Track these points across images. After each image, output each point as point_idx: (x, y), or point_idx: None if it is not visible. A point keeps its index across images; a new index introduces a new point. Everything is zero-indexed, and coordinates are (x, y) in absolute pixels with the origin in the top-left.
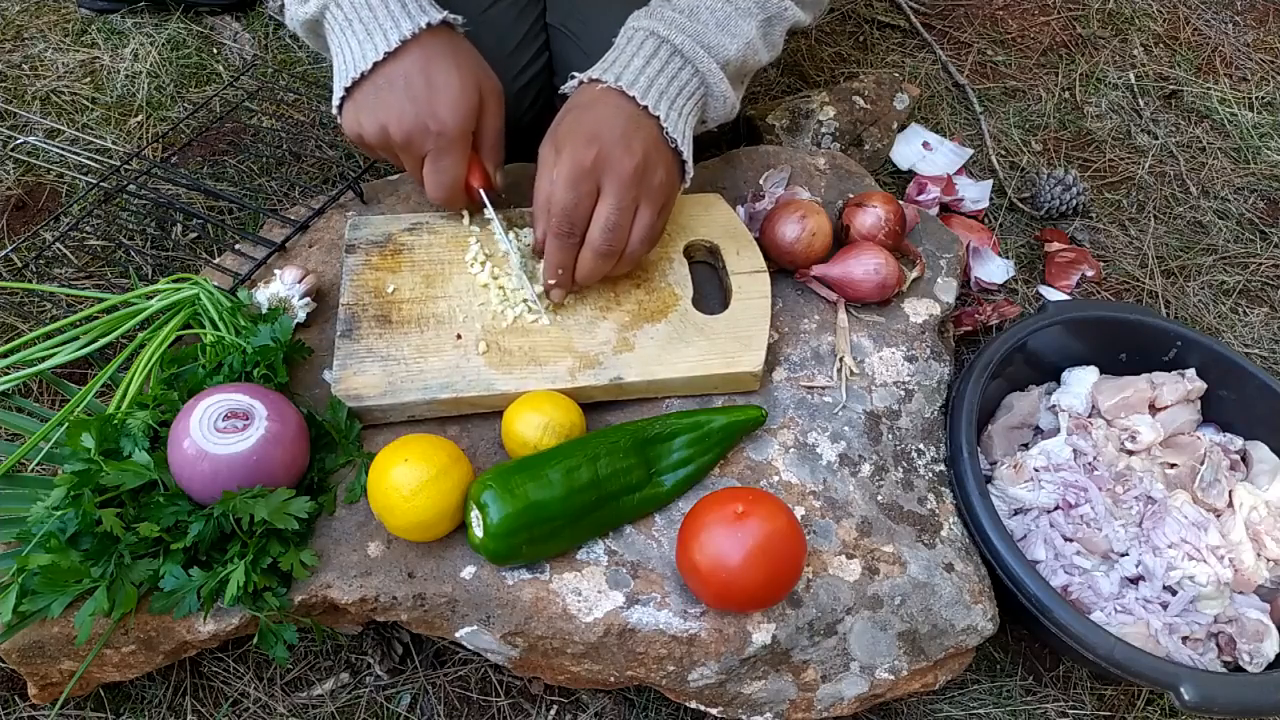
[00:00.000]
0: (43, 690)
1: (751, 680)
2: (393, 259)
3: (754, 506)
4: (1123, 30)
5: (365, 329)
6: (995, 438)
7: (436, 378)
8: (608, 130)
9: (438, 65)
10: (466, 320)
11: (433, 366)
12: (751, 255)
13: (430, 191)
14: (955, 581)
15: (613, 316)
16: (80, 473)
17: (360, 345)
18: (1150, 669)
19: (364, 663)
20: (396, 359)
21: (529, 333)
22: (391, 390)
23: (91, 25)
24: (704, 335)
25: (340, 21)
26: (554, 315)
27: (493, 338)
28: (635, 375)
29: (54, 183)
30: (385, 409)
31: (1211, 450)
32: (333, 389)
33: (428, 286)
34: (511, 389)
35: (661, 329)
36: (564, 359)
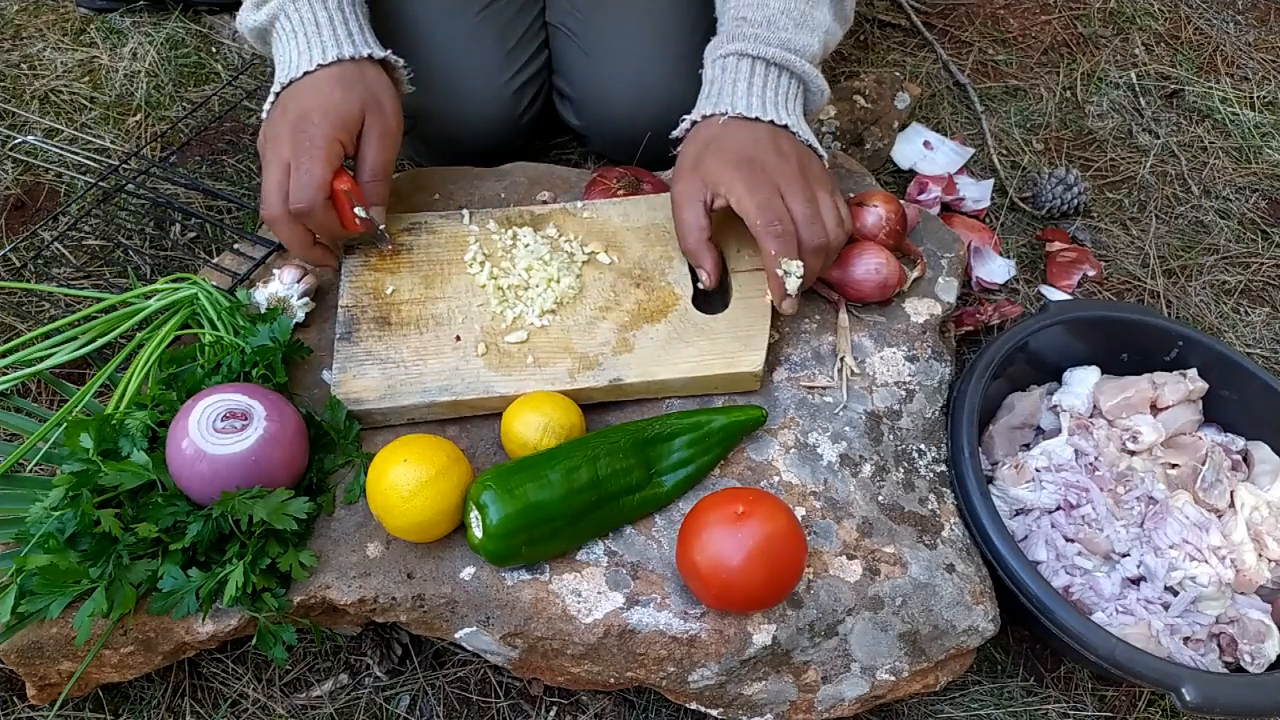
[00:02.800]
0: (41, 691)
1: (752, 681)
2: (391, 260)
3: (754, 507)
4: (1124, 29)
5: (364, 331)
6: (996, 438)
7: (435, 380)
8: (754, 149)
9: (336, 85)
10: (466, 321)
11: (432, 369)
12: (752, 253)
13: (292, 196)
14: (956, 582)
15: (612, 317)
16: (79, 473)
17: (359, 348)
18: (1151, 670)
19: (363, 664)
20: (395, 362)
21: (528, 334)
22: (391, 393)
23: (90, 24)
24: (704, 335)
25: (287, 32)
26: (552, 316)
27: (492, 339)
28: (635, 376)
29: (52, 182)
30: (385, 412)
31: (1213, 450)
32: (332, 391)
33: (426, 287)
34: (510, 391)
35: (661, 329)
36: (563, 360)
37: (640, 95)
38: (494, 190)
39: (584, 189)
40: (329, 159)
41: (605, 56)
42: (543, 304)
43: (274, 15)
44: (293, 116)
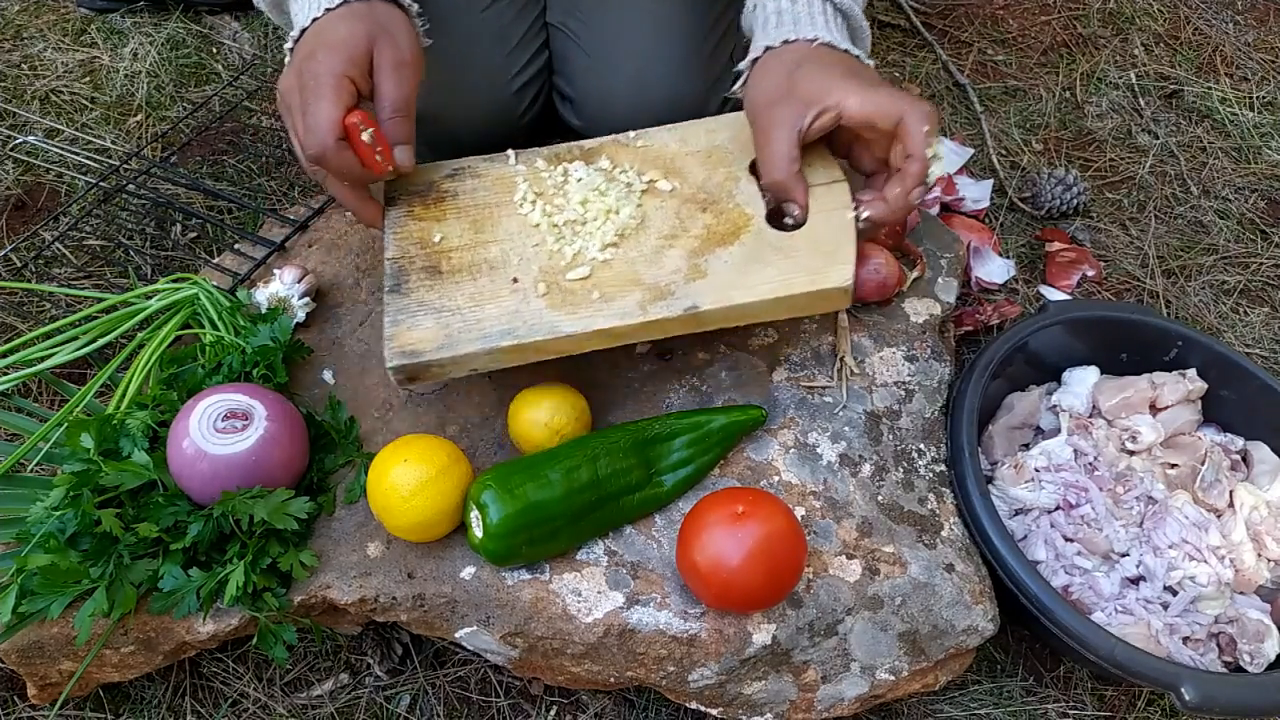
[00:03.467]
0: (42, 690)
1: (752, 681)
2: (436, 207)
3: (754, 507)
4: (1123, 30)
5: (415, 281)
6: (996, 438)
7: (496, 325)
8: (856, 67)
9: (339, 21)
10: (522, 263)
11: (490, 314)
12: (826, 166)
13: (302, 139)
14: (956, 582)
15: (680, 244)
16: (79, 473)
17: (411, 299)
18: (1151, 669)
19: (363, 663)
20: (451, 310)
21: (591, 269)
22: (449, 342)
23: (91, 25)
24: (783, 254)
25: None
26: (615, 249)
27: (552, 278)
28: (711, 303)
29: (53, 182)
30: (444, 363)
31: (1212, 450)
32: (386, 348)
33: (476, 232)
34: (578, 330)
35: (736, 251)
36: (631, 293)
37: (640, 95)
38: None
39: None
40: (336, 95)
41: (606, 57)
42: (603, 237)
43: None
44: (298, 62)
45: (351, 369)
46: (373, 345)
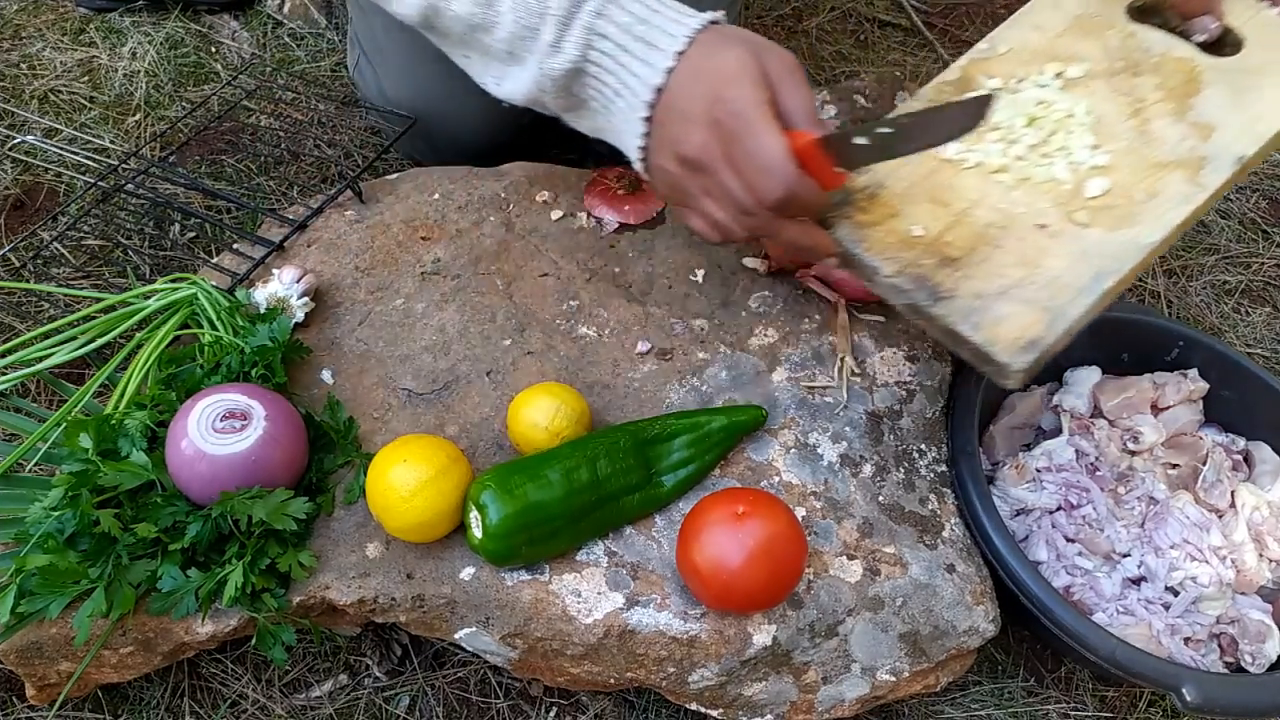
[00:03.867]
0: (41, 691)
1: (752, 682)
2: (877, 208)
3: (755, 507)
4: None
5: (946, 279)
6: (997, 438)
7: (1078, 275)
8: None
9: (715, 52)
10: (1027, 210)
11: (1058, 267)
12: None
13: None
14: (957, 582)
15: (1154, 112)
16: (78, 473)
17: (962, 299)
18: (1152, 670)
19: (362, 664)
20: (1015, 284)
21: (1108, 178)
22: (1054, 315)
23: (89, 24)
24: (1256, 71)
25: (610, 51)
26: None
27: (1075, 205)
28: (1250, 145)
29: (52, 182)
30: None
31: (1214, 451)
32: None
33: (946, 206)
34: (1159, 235)
35: (1213, 94)
36: (1168, 175)
37: None
38: (494, 189)
39: (584, 189)
40: (773, 123)
41: None
42: (1082, 142)
43: (586, 41)
44: (700, 115)
45: (350, 369)
46: (372, 345)
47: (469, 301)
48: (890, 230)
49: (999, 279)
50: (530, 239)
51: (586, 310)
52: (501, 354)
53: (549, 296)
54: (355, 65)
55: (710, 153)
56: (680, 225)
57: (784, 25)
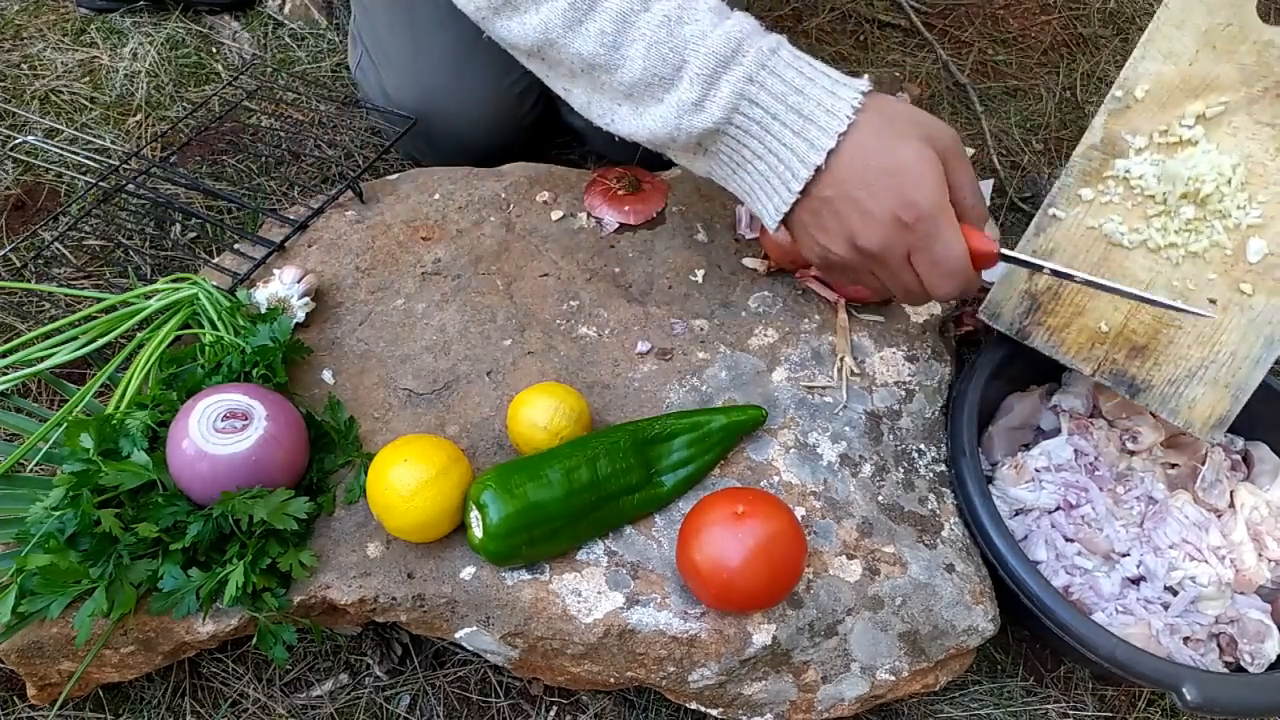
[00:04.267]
0: (42, 691)
1: (752, 681)
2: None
3: (754, 507)
4: (1124, 29)
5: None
6: (996, 438)
7: (1249, 346)
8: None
9: (883, 141)
10: (1196, 288)
11: (1232, 342)
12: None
13: (938, 288)
14: (956, 582)
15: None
16: (79, 473)
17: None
18: (1152, 669)
19: (363, 663)
20: (1200, 366)
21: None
22: (1234, 389)
23: (90, 25)
24: None
25: (759, 119)
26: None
27: (1240, 274)
28: None
29: (53, 182)
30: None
31: (1213, 450)
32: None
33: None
34: None
35: None
36: None
37: None
38: (494, 189)
39: (584, 189)
40: (958, 228)
41: None
42: (1234, 201)
43: (734, 105)
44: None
45: (351, 369)
46: (372, 345)
47: (469, 301)
48: (1080, 330)
49: (1184, 361)
50: (530, 239)
51: (586, 310)
52: (502, 354)
53: (549, 296)
54: (357, 63)
55: (893, 251)
56: (680, 225)
57: (784, 26)
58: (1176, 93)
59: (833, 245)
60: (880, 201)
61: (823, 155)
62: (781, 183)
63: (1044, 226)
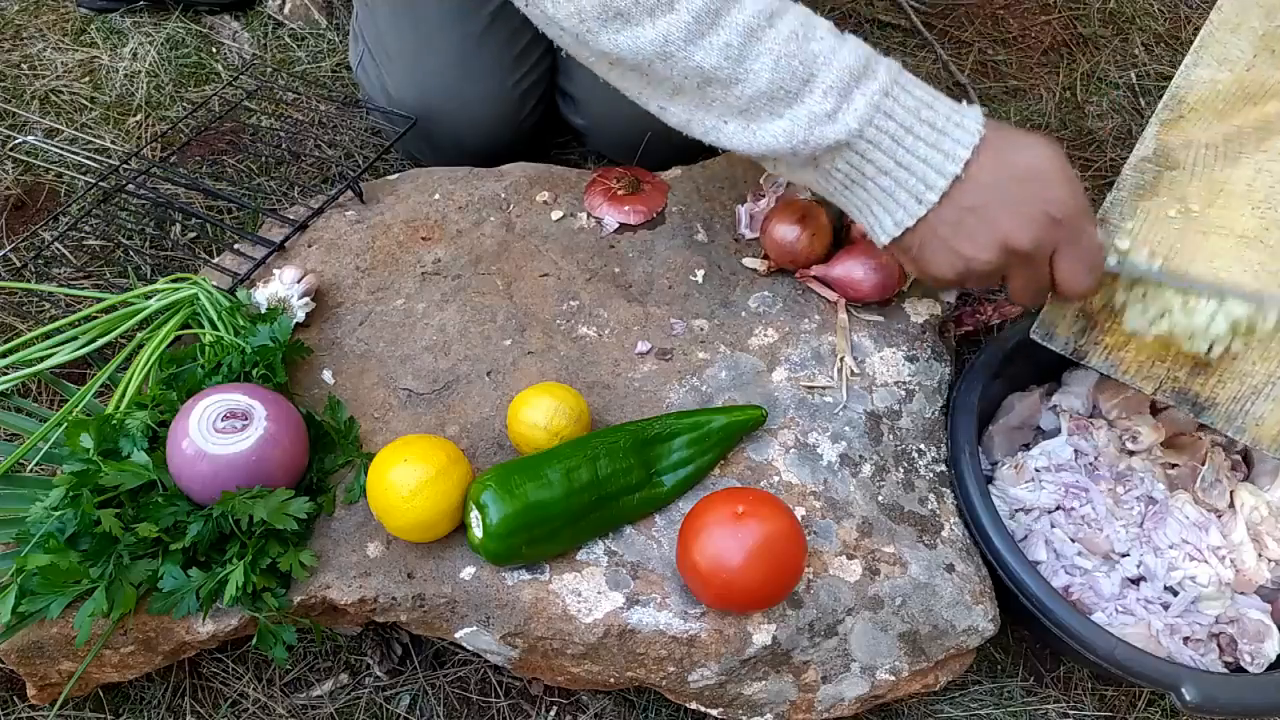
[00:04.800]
0: (42, 691)
1: (752, 681)
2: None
3: (754, 507)
4: (1124, 30)
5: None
6: (996, 438)
7: None
8: None
9: (1013, 148)
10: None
11: None
12: None
13: (1080, 283)
14: (956, 582)
15: None
16: (79, 473)
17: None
18: (1151, 669)
19: (363, 663)
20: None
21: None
22: None
23: (90, 25)
24: None
25: (892, 132)
26: None
27: None
28: None
29: (53, 182)
30: None
31: (1213, 451)
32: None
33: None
34: None
35: None
36: None
37: None
38: (494, 190)
39: (584, 189)
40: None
41: None
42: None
43: (869, 118)
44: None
45: (351, 369)
46: (372, 345)
47: (469, 301)
48: (1139, 348)
49: (1249, 378)
50: (530, 239)
51: (586, 310)
52: (502, 354)
53: (549, 296)
54: (359, 62)
55: (1042, 249)
56: (680, 225)
57: None
58: (1234, 100)
59: (980, 252)
60: (1033, 202)
61: (960, 165)
62: (910, 196)
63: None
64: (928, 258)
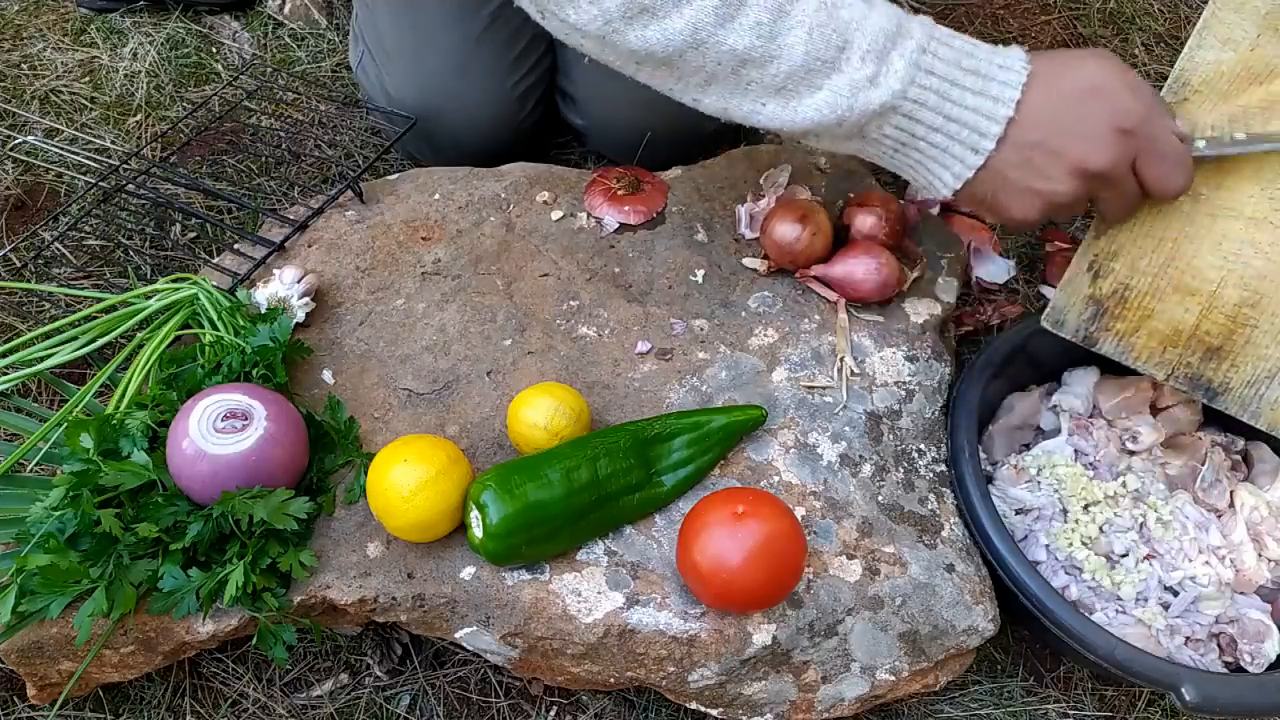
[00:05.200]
0: (42, 691)
1: (752, 681)
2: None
3: (754, 507)
4: (1124, 30)
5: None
6: (996, 438)
7: None
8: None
9: (1062, 72)
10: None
11: None
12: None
13: (1172, 183)
14: (956, 582)
15: None
16: (79, 473)
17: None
18: (1151, 669)
19: (363, 663)
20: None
21: None
22: None
23: (90, 25)
24: None
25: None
26: None
27: None
28: None
29: (53, 182)
30: None
31: (1213, 451)
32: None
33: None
34: None
35: None
36: None
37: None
38: (494, 190)
39: (584, 189)
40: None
41: None
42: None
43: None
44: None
45: (351, 369)
46: (372, 345)
47: (469, 301)
48: (1150, 333)
49: (1264, 362)
50: (530, 239)
51: (586, 310)
52: (502, 354)
53: (549, 296)
54: (359, 62)
55: (1121, 163)
56: (680, 225)
57: None
58: (1238, 80)
59: (1056, 185)
60: (1098, 120)
61: (1011, 107)
62: (966, 147)
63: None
64: (1004, 202)
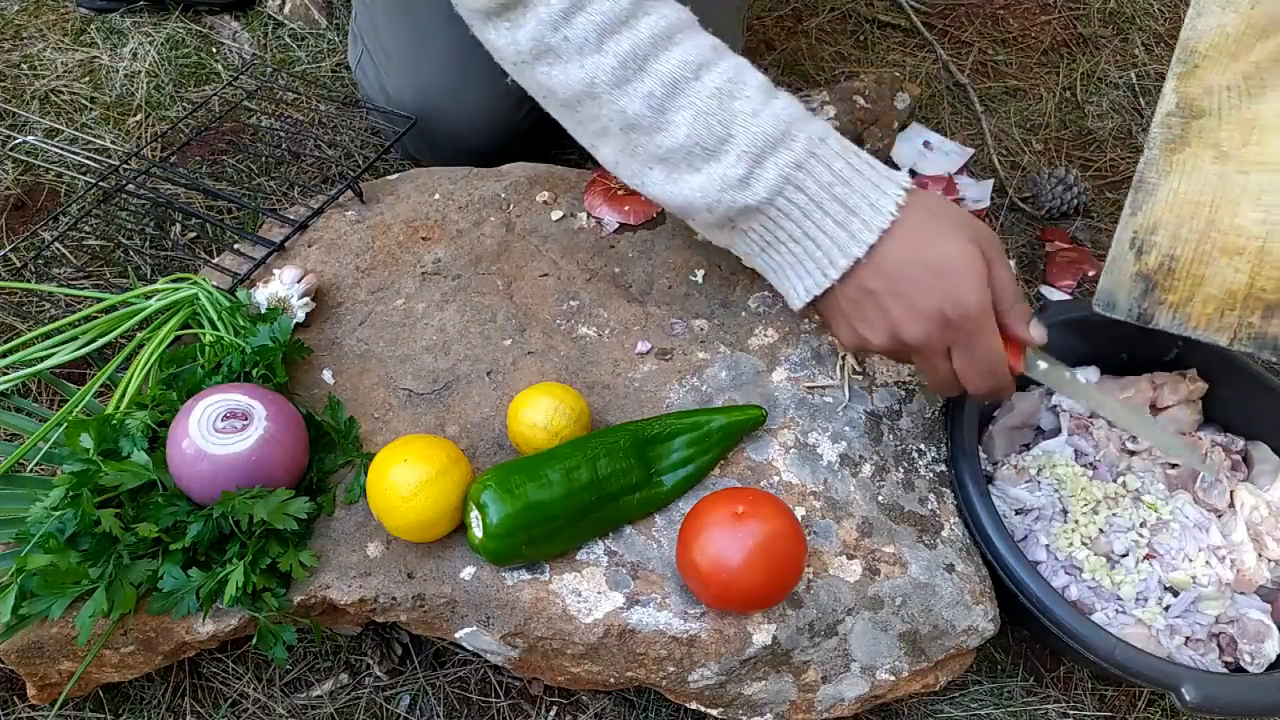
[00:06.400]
0: (42, 691)
1: (752, 681)
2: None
3: (754, 507)
4: (1124, 29)
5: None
6: (996, 438)
7: None
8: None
9: (930, 238)
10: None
11: None
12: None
13: (975, 385)
14: (956, 582)
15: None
16: (79, 473)
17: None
18: (1151, 669)
19: (363, 663)
20: None
21: None
22: None
23: (90, 25)
24: None
25: (802, 205)
26: None
27: None
28: None
29: (53, 182)
30: None
31: (1213, 451)
32: None
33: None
34: None
35: None
36: None
37: None
38: (494, 190)
39: (584, 189)
40: (997, 328)
41: None
42: None
43: (778, 189)
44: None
45: (351, 369)
46: (372, 345)
47: (469, 301)
48: (1205, 300)
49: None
50: (530, 239)
51: (586, 310)
52: (502, 354)
53: (549, 296)
54: (358, 62)
55: (934, 345)
56: (680, 225)
57: (784, 25)
58: (1245, 39)
59: (872, 335)
60: (928, 298)
61: (864, 248)
62: (817, 267)
63: (1139, 205)
64: (834, 327)
